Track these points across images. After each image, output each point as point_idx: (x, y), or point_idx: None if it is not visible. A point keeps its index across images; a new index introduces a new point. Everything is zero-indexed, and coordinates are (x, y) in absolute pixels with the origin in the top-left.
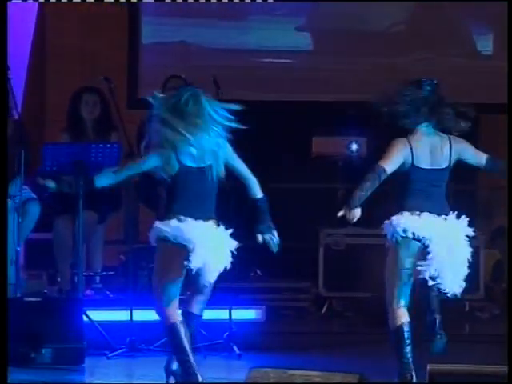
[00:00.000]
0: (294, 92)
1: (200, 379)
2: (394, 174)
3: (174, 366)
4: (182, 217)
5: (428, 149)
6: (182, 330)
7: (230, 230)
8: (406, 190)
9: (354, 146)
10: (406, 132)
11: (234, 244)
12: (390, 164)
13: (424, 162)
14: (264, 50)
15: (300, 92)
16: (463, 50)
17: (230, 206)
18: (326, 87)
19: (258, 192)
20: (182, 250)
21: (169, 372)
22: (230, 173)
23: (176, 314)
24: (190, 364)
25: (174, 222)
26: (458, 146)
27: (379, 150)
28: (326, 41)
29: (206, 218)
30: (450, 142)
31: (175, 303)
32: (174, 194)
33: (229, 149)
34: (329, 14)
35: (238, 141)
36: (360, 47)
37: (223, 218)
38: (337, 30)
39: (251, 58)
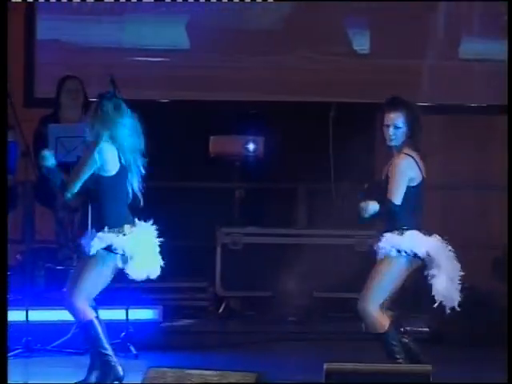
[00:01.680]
0: (176, 90)
1: (121, 373)
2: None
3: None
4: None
5: None
6: (99, 325)
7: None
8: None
9: (252, 146)
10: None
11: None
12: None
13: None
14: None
15: (184, 90)
16: (342, 48)
17: None
18: (214, 85)
19: None
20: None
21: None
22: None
23: (91, 311)
24: (111, 357)
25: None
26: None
27: (276, 150)
28: (207, 39)
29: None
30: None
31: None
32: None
33: None
34: (211, 12)
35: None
36: (242, 45)
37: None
38: (219, 28)
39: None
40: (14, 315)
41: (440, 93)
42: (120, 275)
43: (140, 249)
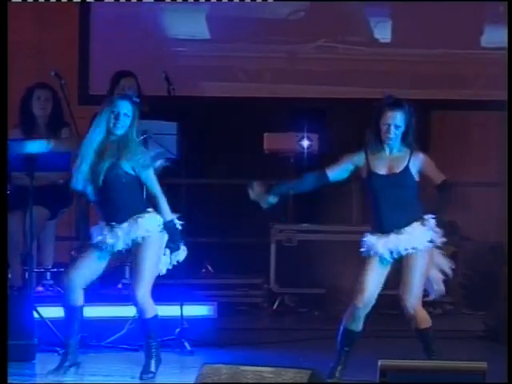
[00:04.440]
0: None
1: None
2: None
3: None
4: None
5: None
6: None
7: None
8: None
9: (306, 142)
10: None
11: None
12: None
13: None
14: None
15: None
16: (362, 37)
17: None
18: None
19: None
20: None
21: None
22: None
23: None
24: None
25: None
26: None
27: (331, 146)
28: (225, 29)
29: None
30: None
31: None
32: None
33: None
34: (228, 2)
35: (190, 138)
36: (260, 35)
37: (175, 214)
38: (237, 19)
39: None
40: None
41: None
42: (175, 271)
43: None
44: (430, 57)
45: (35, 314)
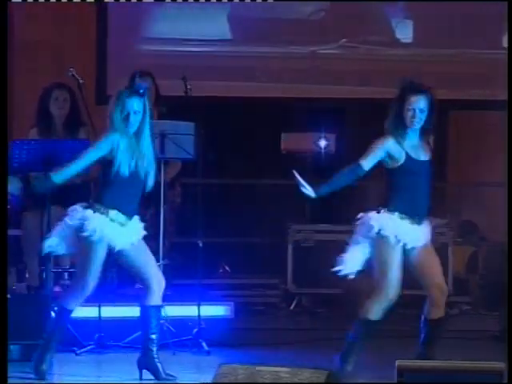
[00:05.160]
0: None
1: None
2: None
3: (149, 360)
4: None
5: None
6: None
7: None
8: None
9: (323, 142)
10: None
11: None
12: None
13: None
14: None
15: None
16: (383, 37)
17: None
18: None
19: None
20: None
21: (141, 367)
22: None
23: None
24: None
25: None
26: None
27: (348, 146)
28: (247, 29)
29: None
30: None
31: None
32: None
33: None
34: (250, 2)
35: (206, 138)
36: (281, 35)
37: (193, 214)
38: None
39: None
40: (87, 311)
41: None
42: (192, 271)
43: None
44: (451, 56)
45: (53, 314)
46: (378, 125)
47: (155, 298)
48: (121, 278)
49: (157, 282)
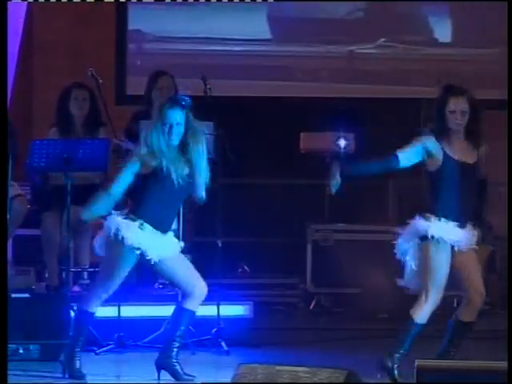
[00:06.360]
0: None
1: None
2: None
3: (169, 361)
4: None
5: None
6: None
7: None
8: None
9: (342, 142)
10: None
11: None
12: None
13: None
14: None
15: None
16: (420, 37)
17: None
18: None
19: None
20: None
21: (159, 367)
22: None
23: None
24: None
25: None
26: None
27: (367, 146)
28: (285, 29)
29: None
30: None
31: None
32: None
33: None
34: (287, 2)
35: (226, 138)
36: (317, 35)
37: (212, 214)
38: (295, 18)
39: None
40: (107, 311)
41: None
42: (211, 271)
43: None
44: (489, 56)
45: (72, 314)
46: (395, 124)
47: (193, 304)
48: (140, 277)
49: (199, 289)
